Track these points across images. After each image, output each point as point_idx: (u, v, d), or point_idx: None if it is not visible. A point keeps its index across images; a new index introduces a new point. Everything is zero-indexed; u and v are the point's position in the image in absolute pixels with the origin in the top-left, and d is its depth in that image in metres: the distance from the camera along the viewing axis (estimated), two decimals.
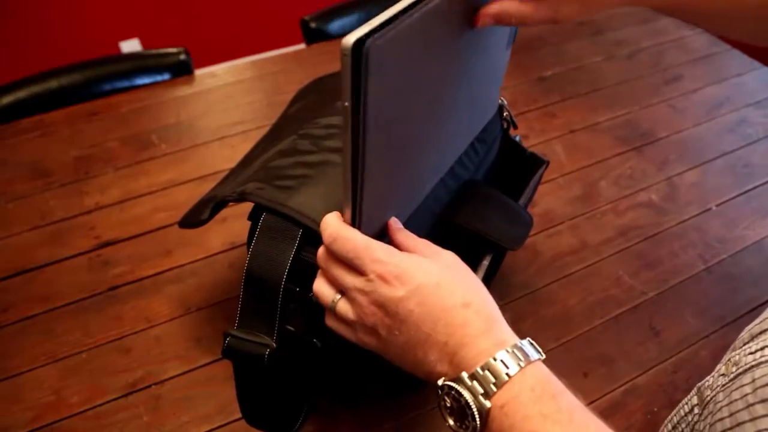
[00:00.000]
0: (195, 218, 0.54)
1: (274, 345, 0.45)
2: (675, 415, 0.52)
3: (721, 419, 0.41)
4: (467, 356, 0.35)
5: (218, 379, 0.62)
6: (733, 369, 0.44)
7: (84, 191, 0.83)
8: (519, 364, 0.34)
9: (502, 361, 0.34)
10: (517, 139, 0.65)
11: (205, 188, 0.84)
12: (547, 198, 0.83)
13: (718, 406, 0.43)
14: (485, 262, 0.52)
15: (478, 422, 0.34)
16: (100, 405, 0.60)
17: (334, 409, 0.60)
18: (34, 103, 1.01)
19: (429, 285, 0.37)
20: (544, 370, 0.35)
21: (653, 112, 1.00)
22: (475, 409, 0.34)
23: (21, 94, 1.02)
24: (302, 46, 1.18)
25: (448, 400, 0.35)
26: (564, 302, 0.70)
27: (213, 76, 1.06)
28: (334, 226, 0.39)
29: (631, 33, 1.19)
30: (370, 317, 0.38)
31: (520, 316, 0.68)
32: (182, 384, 0.62)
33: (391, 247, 0.38)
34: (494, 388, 0.33)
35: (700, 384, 0.49)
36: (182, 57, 1.10)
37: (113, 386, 0.61)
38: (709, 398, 0.46)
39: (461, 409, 0.35)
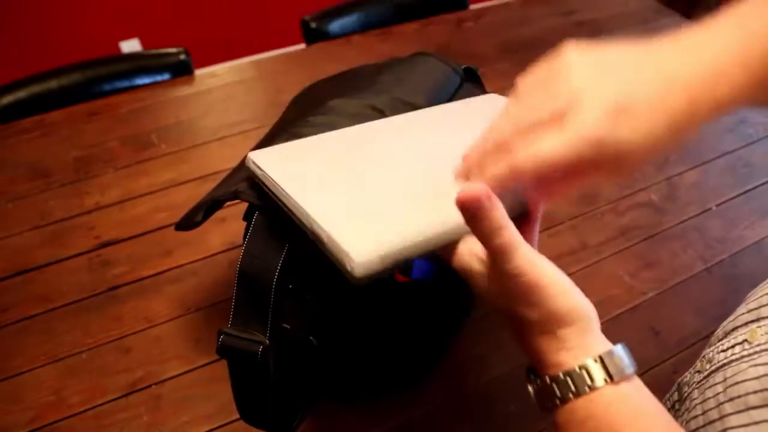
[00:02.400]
0: (190, 220, 0.54)
1: (267, 342, 0.45)
2: None
3: (695, 417, 0.41)
4: (542, 362, 0.33)
5: (218, 379, 0.62)
6: (707, 366, 0.44)
7: (84, 191, 0.84)
8: (599, 381, 0.30)
9: (586, 372, 0.31)
10: None
11: (205, 188, 0.84)
12: None
13: (693, 403, 0.43)
14: None
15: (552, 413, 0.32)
16: (100, 405, 0.60)
17: (332, 408, 0.60)
18: (34, 103, 1.01)
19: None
20: (628, 391, 0.31)
21: None
22: (550, 406, 0.32)
23: (21, 94, 1.02)
24: (302, 46, 1.19)
25: (530, 387, 0.34)
26: None
27: (213, 76, 1.06)
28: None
29: (631, 33, 1.19)
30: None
31: None
32: (182, 384, 0.62)
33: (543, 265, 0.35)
34: (571, 396, 0.31)
35: (679, 380, 0.49)
36: (182, 57, 1.10)
37: (113, 386, 0.62)
38: (686, 394, 0.46)
39: (540, 396, 0.33)
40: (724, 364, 0.42)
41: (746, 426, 0.36)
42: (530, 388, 0.34)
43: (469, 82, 0.64)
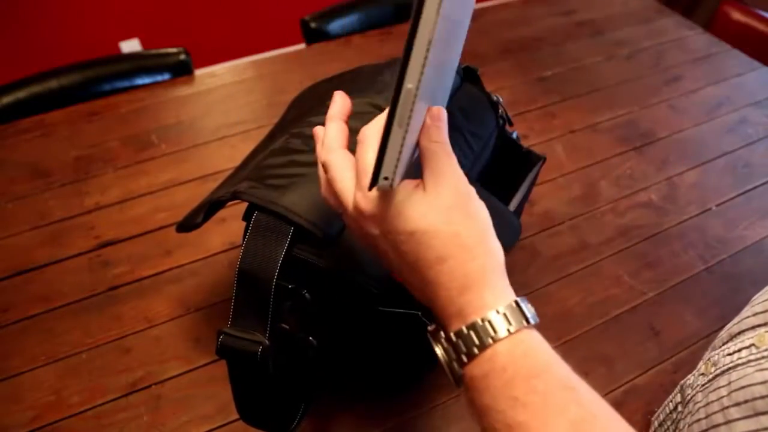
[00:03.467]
0: (191, 222, 0.54)
1: (267, 342, 0.45)
2: (661, 412, 0.52)
3: (698, 420, 0.41)
4: (441, 314, 0.33)
5: (218, 379, 0.62)
6: (712, 369, 0.44)
7: (84, 191, 0.83)
8: (490, 338, 0.30)
9: (472, 332, 0.31)
10: (515, 135, 0.65)
11: (205, 188, 0.84)
12: (547, 198, 0.83)
13: (697, 406, 0.43)
14: None
15: (452, 379, 0.33)
16: (100, 405, 0.60)
17: (332, 408, 0.60)
18: (34, 103, 1.01)
19: (404, 232, 0.32)
20: (526, 342, 0.31)
21: (653, 112, 1.00)
22: (448, 372, 0.32)
23: (21, 94, 1.02)
24: (302, 46, 1.18)
25: (432, 349, 0.34)
26: (564, 302, 0.70)
27: (213, 76, 1.06)
28: (331, 142, 0.36)
29: (631, 33, 1.19)
30: (361, 238, 0.36)
31: None
32: (182, 384, 0.62)
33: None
34: (464, 359, 0.31)
35: (682, 381, 0.49)
36: (182, 57, 1.10)
37: (113, 386, 0.61)
38: (689, 397, 0.45)
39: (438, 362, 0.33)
40: (730, 368, 0.41)
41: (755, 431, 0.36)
42: (434, 346, 0.33)
43: (468, 82, 0.64)
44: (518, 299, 0.32)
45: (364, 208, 0.33)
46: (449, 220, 0.32)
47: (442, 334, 0.33)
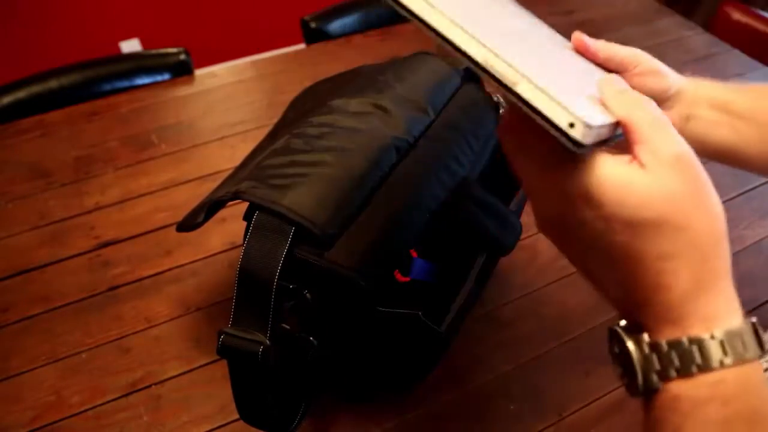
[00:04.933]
0: (191, 222, 0.54)
1: (268, 342, 0.45)
2: None
3: None
4: (653, 318, 0.27)
5: (218, 379, 0.62)
6: None
7: (84, 191, 0.83)
8: (724, 359, 0.25)
9: (702, 347, 0.25)
10: None
11: (205, 188, 0.84)
12: None
13: None
14: (479, 258, 0.52)
15: (641, 390, 0.27)
16: (100, 405, 0.60)
17: (332, 409, 0.60)
18: (34, 103, 1.01)
19: (621, 221, 0.26)
20: (756, 376, 0.26)
21: None
22: (640, 380, 0.27)
23: (21, 94, 1.02)
24: (302, 46, 1.18)
25: (616, 347, 0.29)
26: (564, 302, 0.70)
27: (213, 76, 1.06)
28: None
29: (631, 33, 1.19)
30: (556, 228, 0.30)
31: (520, 316, 0.68)
32: (182, 384, 0.62)
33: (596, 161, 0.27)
34: (674, 374, 0.26)
35: None
36: (182, 57, 1.10)
37: (113, 386, 0.61)
38: None
39: (627, 366, 0.28)
40: None
41: None
42: (631, 348, 0.28)
43: (469, 82, 0.64)
44: (753, 319, 0.27)
45: (572, 189, 0.27)
46: (678, 209, 0.26)
47: (646, 337, 0.27)
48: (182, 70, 1.10)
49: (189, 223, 0.55)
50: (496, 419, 0.59)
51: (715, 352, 0.25)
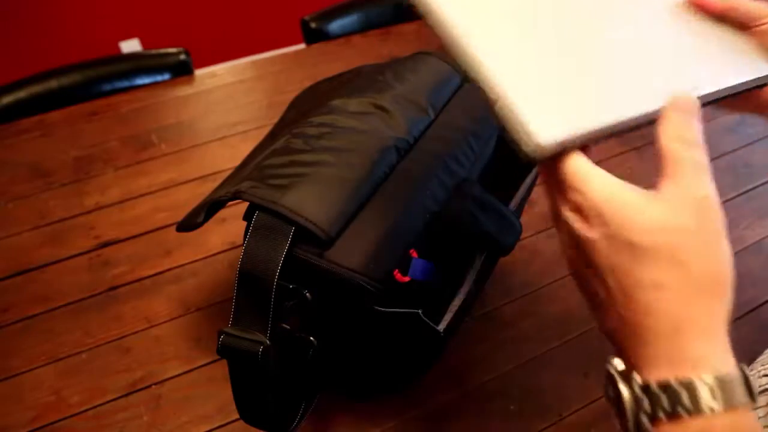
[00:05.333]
0: (191, 222, 0.54)
1: (268, 342, 0.45)
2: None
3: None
4: (643, 356, 0.27)
5: (218, 379, 0.62)
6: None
7: (84, 191, 0.83)
8: (713, 405, 0.25)
9: (692, 391, 0.25)
10: None
11: (206, 188, 0.84)
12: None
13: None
14: (479, 258, 0.52)
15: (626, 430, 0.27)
16: (100, 405, 0.60)
17: (332, 409, 0.60)
18: (34, 103, 1.01)
19: (623, 241, 0.27)
20: (745, 425, 0.25)
21: None
22: (631, 422, 0.27)
23: (21, 94, 1.02)
24: (302, 46, 1.18)
25: (610, 388, 0.29)
26: (564, 302, 0.70)
27: (213, 76, 1.06)
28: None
29: None
30: (566, 252, 0.32)
31: (520, 316, 0.68)
32: (182, 384, 0.62)
33: (602, 175, 0.29)
34: (662, 416, 0.25)
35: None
36: (182, 57, 1.10)
37: (113, 386, 0.61)
38: None
39: (619, 408, 0.28)
40: (765, 390, 0.40)
41: None
42: (623, 389, 0.28)
43: (469, 82, 0.64)
44: (743, 366, 0.26)
45: (586, 204, 0.28)
46: (682, 243, 0.26)
47: (637, 378, 0.27)
48: (182, 70, 1.10)
49: (189, 223, 0.55)
50: (496, 419, 0.59)
51: (704, 396, 0.25)
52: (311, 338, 0.48)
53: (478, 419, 0.59)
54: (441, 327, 0.49)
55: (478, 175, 0.58)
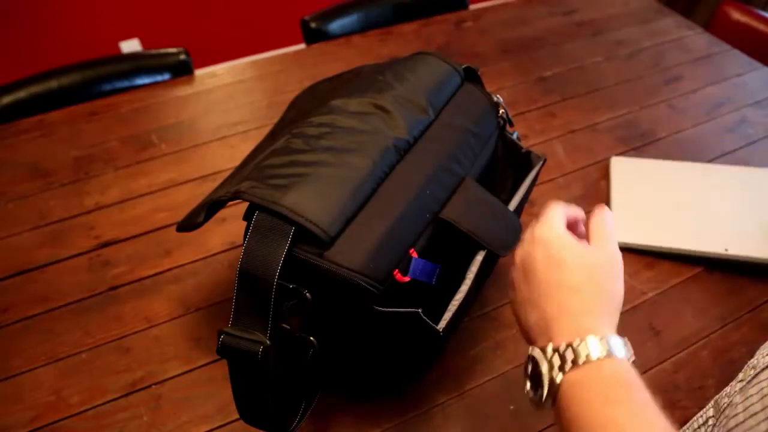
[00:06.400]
0: (191, 222, 0.54)
1: (268, 342, 0.45)
2: (688, 428, 0.52)
3: (735, 415, 0.42)
4: (557, 331, 0.38)
5: (218, 379, 0.62)
6: (751, 372, 0.44)
7: (84, 191, 0.84)
8: (602, 353, 0.35)
9: (587, 345, 0.35)
10: (515, 136, 0.65)
11: (205, 188, 0.84)
12: (547, 198, 0.83)
13: (735, 406, 0.43)
14: (478, 258, 0.52)
15: (545, 391, 0.36)
16: (100, 405, 0.60)
17: (332, 409, 0.60)
18: (34, 103, 1.01)
19: (557, 259, 0.41)
20: (627, 367, 0.36)
21: (653, 112, 1.00)
22: (546, 380, 0.36)
23: (21, 94, 1.02)
24: (302, 46, 1.18)
25: (530, 366, 0.38)
26: None
27: (213, 76, 1.06)
28: (559, 204, 0.46)
29: (631, 33, 1.19)
30: (514, 267, 0.44)
31: None
32: (182, 384, 0.62)
33: (562, 227, 0.43)
34: (569, 366, 0.35)
35: (717, 396, 0.49)
36: (182, 57, 1.10)
37: (113, 386, 0.62)
38: (726, 405, 0.46)
39: (537, 377, 0.37)
40: None
41: None
42: (538, 355, 0.38)
43: (469, 82, 0.64)
44: (625, 339, 0.37)
45: (541, 236, 0.43)
46: (595, 269, 0.41)
47: (550, 345, 0.37)
48: (182, 70, 1.10)
49: (189, 224, 0.55)
50: (496, 419, 0.59)
51: (593, 346, 0.35)
52: (311, 338, 0.48)
53: (478, 419, 0.59)
54: (440, 326, 0.48)
55: (477, 175, 0.58)
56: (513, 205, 0.59)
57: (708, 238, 0.74)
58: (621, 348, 0.36)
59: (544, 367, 0.36)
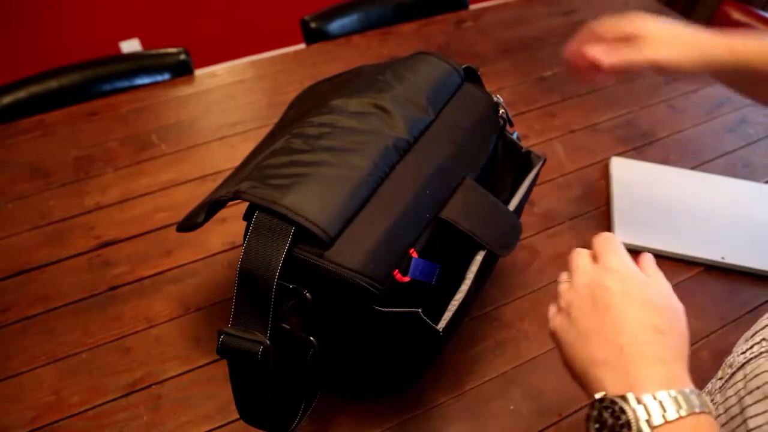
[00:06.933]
0: (191, 222, 0.54)
1: (268, 342, 0.45)
2: None
3: (718, 416, 0.42)
4: (639, 376, 0.34)
5: (218, 379, 0.62)
6: (728, 371, 0.45)
7: (84, 191, 0.84)
8: (689, 409, 0.32)
9: (675, 398, 0.33)
10: (515, 136, 0.65)
11: (205, 188, 0.84)
12: (547, 198, 0.83)
13: (716, 406, 0.44)
14: (478, 258, 0.52)
15: None
16: (100, 405, 0.60)
17: (332, 409, 0.60)
18: (34, 103, 1.01)
19: (641, 297, 0.38)
20: (712, 423, 0.33)
21: (653, 112, 1.00)
22: (636, 430, 0.32)
23: (21, 94, 1.02)
24: (302, 46, 1.18)
25: (605, 415, 0.34)
26: None
27: (213, 76, 1.06)
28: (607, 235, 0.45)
29: None
30: (575, 294, 0.41)
31: (520, 316, 0.68)
32: (182, 384, 0.62)
33: (629, 258, 0.42)
34: (660, 420, 0.32)
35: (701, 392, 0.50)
36: (182, 57, 1.10)
37: (113, 386, 0.62)
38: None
39: (615, 427, 0.33)
40: (744, 364, 0.42)
41: (765, 413, 0.38)
42: (623, 405, 0.33)
43: (469, 82, 0.64)
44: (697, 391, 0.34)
45: (614, 266, 0.41)
46: (677, 311, 0.39)
47: (633, 394, 0.33)
48: (182, 70, 1.10)
49: (189, 224, 0.55)
50: (496, 419, 0.59)
51: (692, 401, 0.32)
52: (311, 338, 0.48)
53: (478, 419, 0.59)
54: (440, 326, 0.48)
55: (477, 175, 0.58)
56: (513, 205, 0.59)
57: (706, 244, 0.75)
58: (703, 402, 0.33)
59: (632, 418, 0.32)
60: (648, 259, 0.43)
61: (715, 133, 0.95)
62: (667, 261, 0.75)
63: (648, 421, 0.32)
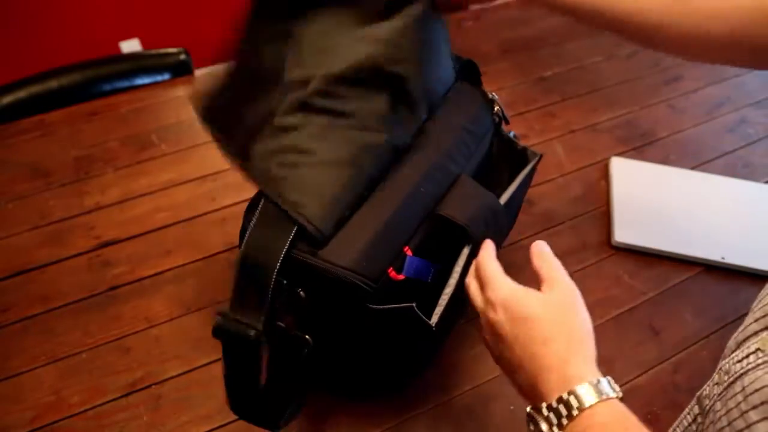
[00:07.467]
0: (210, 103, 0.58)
1: (261, 328, 0.45)
2: (678, 425, 0.52)
3: (722, 428, 0.42)
4: (546, 388, 0.38)
5: (218, 379, 0.62)
6: (725, 378, 0.45)
7: (84, 191, 0.84)
8: (593, 399, 0.36)
9: (577, 394, 0.36)
10: (511, 134, 0.65)
11: (206, 188, 0.84)
12: (547, 198, 0.83)
13: (718, 415, 0.44)
14: (465, 251, 0.52)
15: None
16: (100, 405, 0.60)
17: (332, 409, 0.60)
18: (34, 103, 1.01)
19: (521, 317, 0.41)
20: (620, 407, 0.37)
21: (653, 112, 1.00)
22: None
23: (21, 94, 1.02)
24: None
25: (531, 426, 0.39)
26: None
27: (213, 76, 1.05)
28: (484, 257, 0.47)
29: None
30: (487, 332, 0.44)
31: None
32: (182, 384, 0.62)
33: (507, 280, 0.45)
34: (566, 421, 0.36)
35: (698, 393, 0.50)
36: (182, 57, 1.10)
37: (113, 386, 0.62)
38: (708, 407, 0.46)
39: None
40: (741, 374, 0.42)
41: None
42: (537, 417, 0.38)
43: (465, 80, 0.64)
44: (609, 378, 0.38)
45: (496, 299, 0.43)
46: (559, 312, 0.42)
47: (544, 405, 0.38)
48: (182, 70, 1.10)
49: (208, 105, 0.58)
50: (495, 419, 0.59)
51: (584, 395, 0.36)
52: (306, 337, 0.48)
53: (478, 419, 0.59)
54: (433, 321, 0.49)
55: (473, 173, 0.58)
56: (504, 198, 0.59)
57: (706, 244, 0.75)
58: (608, 388, 0.37)
59: (544, 426, 0.37)
60: (537, 254, 0.47)
61: (715, 133, 0.95)
62: (667, 261, 0.75)
63: (558, 425, 0.37)
